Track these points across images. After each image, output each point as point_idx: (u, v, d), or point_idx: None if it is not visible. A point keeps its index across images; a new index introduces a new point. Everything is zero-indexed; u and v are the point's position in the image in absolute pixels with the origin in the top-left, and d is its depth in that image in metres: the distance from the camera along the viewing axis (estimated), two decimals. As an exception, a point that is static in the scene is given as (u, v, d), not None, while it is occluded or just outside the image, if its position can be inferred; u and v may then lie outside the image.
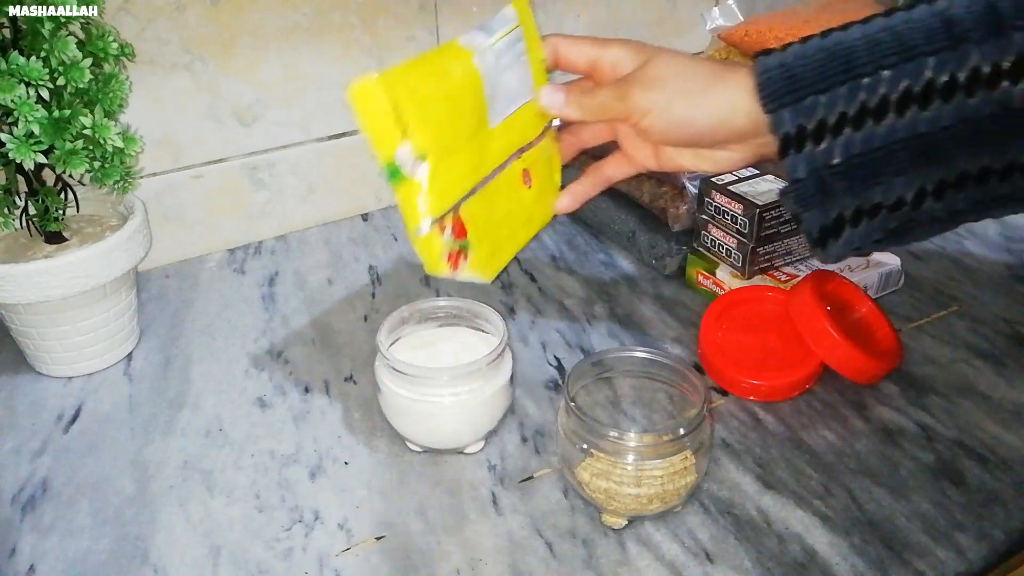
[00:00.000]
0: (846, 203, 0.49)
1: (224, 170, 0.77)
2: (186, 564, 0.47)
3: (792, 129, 0.48)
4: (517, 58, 0.52)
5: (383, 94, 0.43)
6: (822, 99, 0.47)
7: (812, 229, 0.50)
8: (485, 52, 0.49)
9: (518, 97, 0.53)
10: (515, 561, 0.46)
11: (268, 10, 0.72)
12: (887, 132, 0.47)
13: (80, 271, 0.57)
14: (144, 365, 0.64)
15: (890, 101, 0.46)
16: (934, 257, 0.73)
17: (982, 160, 0.47)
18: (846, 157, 0.48)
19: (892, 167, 0.48)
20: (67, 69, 0.53)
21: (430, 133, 0.45)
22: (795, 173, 0.49)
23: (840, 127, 0.47)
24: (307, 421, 0.58)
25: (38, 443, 0.56)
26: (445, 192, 0.48)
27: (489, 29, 0.50)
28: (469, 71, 0.48)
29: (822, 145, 0.48)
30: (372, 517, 0.50)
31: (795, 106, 0.48)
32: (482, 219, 0.52)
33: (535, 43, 0.54)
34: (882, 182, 0.48)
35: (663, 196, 0.74)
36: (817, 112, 0.47)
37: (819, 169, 0.48)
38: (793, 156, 0.48)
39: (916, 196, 0.48)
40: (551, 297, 0.70)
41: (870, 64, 0.46)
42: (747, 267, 0.66)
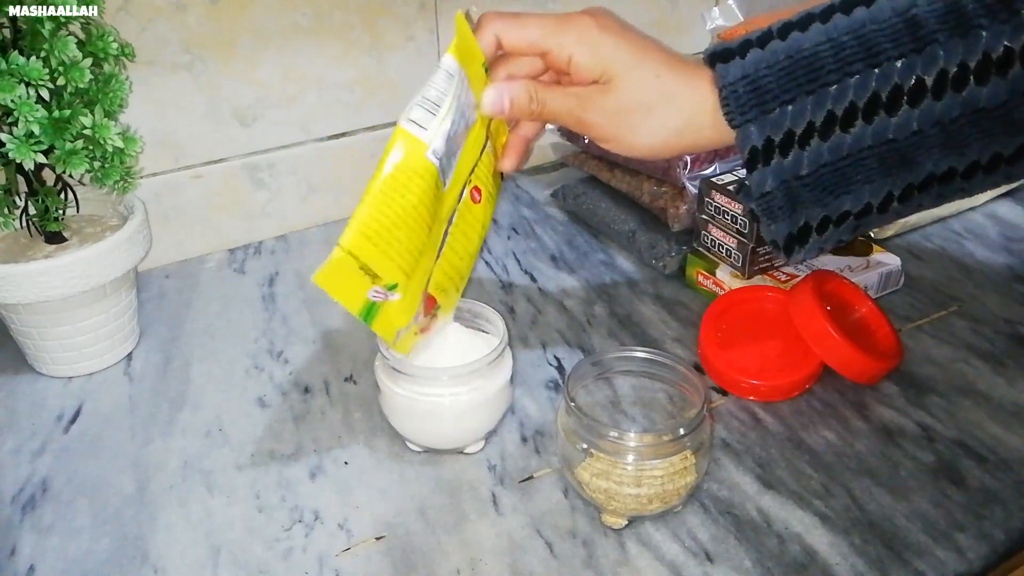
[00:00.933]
0: (814, 213, 0.48)
1: (224, 170, 0.77)
2: (186, 564, 0.47)
3: (759, 143, 0.46)
4: (463, 109, 0.47)
5: (351, 265, 0.43)
6: (789, 110, 0.46)
7: (778, 238, 0.49)
8: (434, 139, 0.44)
9: (465, 136, 0.49)
10: (515, 561, 0.46)
11: (268, 10, 0.72)
12: (855, 140, 0.46)
13: (80, 271, 0.57)
14: (144, 365, 0.64)
15: (858, 108, 0.45)
16: (934, 257, 0.73)
17: (949, 161, 0.46)
18: (814, 168, 0.47)
19: (861, 175, 0.47)
20: (67, 69, 0.53)
21: (396, 265, 0.45)
22: (763, 187, 0.48)
23: (808, 138, 0.46)
24: (307, 421, 0.58)
25: (38, 443, 0.56)
26: (415, 297, 0.47)
27: (433, 103, 0.45)
28: (425, 169, 0.44)
29: (790, 157, 0.46)
30: (372, 517, 0.50)
31: (762, 120, 0.46)
32: (446, 277, 0.51)
33: (476, 61, 0.48)
34: (851, 191, 0.47)
35: (663, 196, 0.74)
36: (784, 124, 0.46)
37: (787, 181, 0.47)
38: (761, 170, 0.47)
39: (883, 201, 0.48)
40: (551, 297, 0.70)
41: (836, 72, 0.45)
42: (747, 267, 0.66)
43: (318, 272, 0.43)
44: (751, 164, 0.47)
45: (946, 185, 0.48)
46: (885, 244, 0.72)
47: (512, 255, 0.77)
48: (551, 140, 0.85)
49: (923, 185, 0.47)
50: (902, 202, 0.48)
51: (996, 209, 0.80)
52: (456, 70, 0.45)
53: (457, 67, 0.45)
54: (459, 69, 0.45)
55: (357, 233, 0.43)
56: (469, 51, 0.47)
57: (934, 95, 0.45)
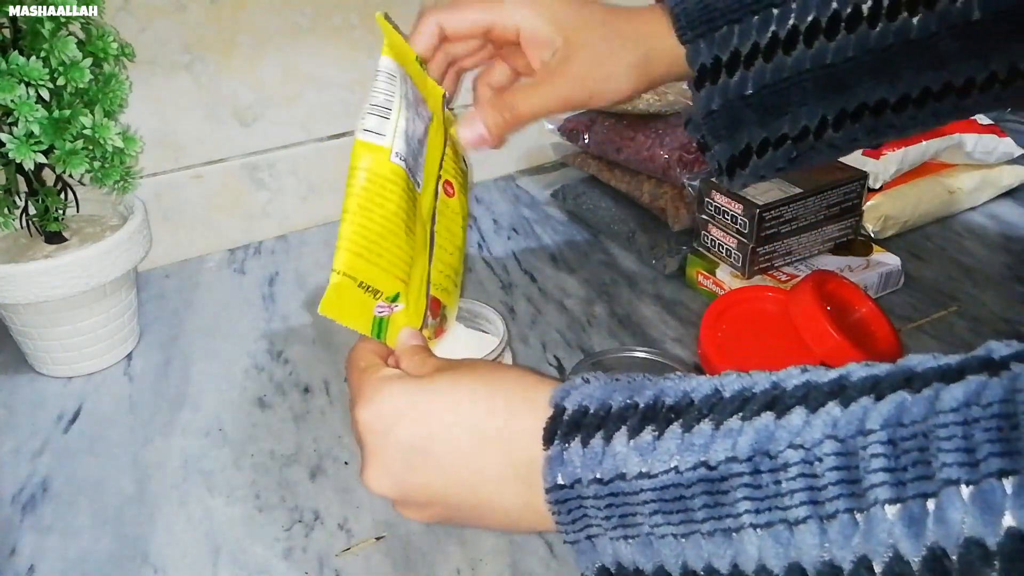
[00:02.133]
0: (755, 134, 0.51)
1: (224, 170, 0.77)
2: (186, 564, 0.47)
3: (708, 60, 0.49)
4: (413, 106, 0.46)
5: (350, 286, 0.43)
6: (736, 29, 0.49)
7: (721, 159, 0.52)
8: (394, 140, 0.44)
9: (426, 134, 0.48)
10: (515, 561, 0.46)
11: (268, 10, 0.72)
12: (795, 63, 0.49)
13: (80, 271, 0.57)
14: (144, 365, 0.64)
15: (799, 32, 0.48)
16: (934, 257, 0.73)
17: (879, 92, 0.50)
18: (757, 88, 0.50)
19: (798, 97, 0.50)
20: (67, 69, 0.53)
21: (392, 275, 0.44)
22: (710, 105, 0.51)
23: (752, 58, 0.49)
24: (307, 421, 0.58)
25: (38, 443, 0.56)
26: (419, 302, 0.47)
27: (383, 107, 0.44)
28: (393, 173, 0.44)
29: (736, 76, 0.49)
30: (372, 517, 0.50)
31: (710, 36, 0.49)
32: (443, 276, 0.51)
33: (408, 58, 0.48)
34: (789, 112, 0.50)
35: (663, 196, 0.74)
36: (731, 42, 0.49)
37: (732, 100, 0.50)
38: (708, 88, 0.50)
39: (818, 126, 0.51)
40: (551, 297, 0.70)
41: None
42: (747, 267, 0.66)
43: (322, 302, 0.42)
44: (699, 81, 0.50)
45: (877, 117, 0.51)
46: (885, 244, 0.72)
47: (512, 255, 0.77)
48: (551, 140, 0.85)
49: (855, 113, 0.51)
50: (836, 129, 0.51)
51: (996, 209, 0.80)
52: (396, 69, 0.45)
53: (396, 66, 0.45)
54: (398, 68, 0.45)
55: (347, 253, 0.42)
56: (400, 49, 0.47)
57: (869, 23, 0.48)
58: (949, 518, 0.25)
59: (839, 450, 0.28)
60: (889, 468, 0.27)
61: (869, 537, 0.27)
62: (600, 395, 0.35)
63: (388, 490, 0.38)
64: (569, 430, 0.35)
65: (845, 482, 0.28)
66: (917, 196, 0.75)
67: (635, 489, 0.32)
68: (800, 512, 0.28)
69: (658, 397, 0.34)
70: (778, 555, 0.29)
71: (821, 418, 0.29)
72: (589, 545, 0.34)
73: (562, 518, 0.35)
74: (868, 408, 0.29)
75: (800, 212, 0.65)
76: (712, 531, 0.30)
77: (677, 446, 0.32)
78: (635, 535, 0.32)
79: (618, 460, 0.33)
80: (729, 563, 0.30)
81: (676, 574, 0.32)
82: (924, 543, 0.26)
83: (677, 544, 0.31)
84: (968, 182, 0.78)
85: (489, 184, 0.91)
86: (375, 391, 0.39)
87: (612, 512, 0.33)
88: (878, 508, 0.27)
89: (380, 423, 0.38)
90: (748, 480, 0.30)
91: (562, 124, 0.82)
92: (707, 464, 0.31)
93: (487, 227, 0.82)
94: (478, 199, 0.87)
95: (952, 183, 0.77)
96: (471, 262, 0.76)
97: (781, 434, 0.30)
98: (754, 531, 0.29)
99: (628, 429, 0.33)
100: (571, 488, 0.34)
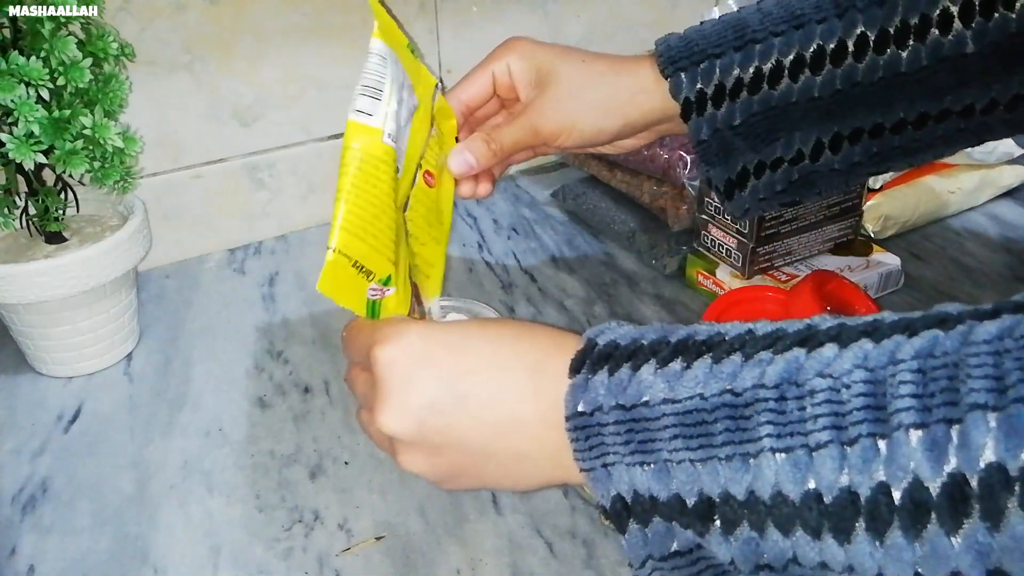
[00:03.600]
0: (748, 158, 0.52)
1: (224, 170, 0.77)
2: (186, 564, 0.47)
3: (692, 94, 0.50)
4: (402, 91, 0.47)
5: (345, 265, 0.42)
6: (718, 63, 0.49)
7: (719, 183, 0.53)
8: (386, 122, 0.44)
9: (410, 120, 0.48)
10: (515, 561, 0.46)
11: (268, 10, 0.72)
12: (782, 96, 0.49)
13: (80, 271, 0.57)
14: (144, 365, 0.64)
15: (783, 66, 0.49)
16: (934, 257, 0.73)
17: (874, 118, 0.50)
18: (745, 118, 0.50)
19: (787, 125, 0.50)
20: (67, 69, 0.53)
21: (385, 257, 0.44)
22: (699, 135, 0.51)
23: (737, 91, 0.50)
24: (307, 421, 0.58)
25: (38, 443, 0.56)
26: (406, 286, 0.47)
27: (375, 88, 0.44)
28: (385, 153, 0.44)
29: (722, 108, 0.50)
30: (372, 517, 0.50)
31: (692, 69, 0.50)
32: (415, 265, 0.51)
33: (400, 43, 0.48)
34: (781, 137, 0.51)
35: (663, 196, 0.74)
36: (714, 75, 0.50)
37: (721, 130, 0.51)
38: (695, 119, 0.51)
39: (814, 148, 0.51)
40: (551, 297, 0.70)
41: (761, 31, 0.49)
42: (747, 267, 0.66)
43: (320, 280, 0.42)
44: (686, 113, 0.51)
45: (876, 140, 0.51)
46: (885, 244, 0.72)
47: (512, 255, 0.77)
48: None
49: (852, 137, 0.51)
50: (834, 151, 0.51)
51: (996, 209, 0.80)
52: (387, 52, 0.45)
53: (387, 49, 0.45)
54: (389, 50, 0.45)
55: (343, 232, 0.42)
56: (392, 34, 0.47)
57: (855, 57, 0.48)
58: (972, 442, 0.25)
59: (868, 379, 0.28)
60: (916, 395, 0.27)
61: (890, 463, 0.27)
62: (633, 334, 0.35)
63: (407, 428, 0.37)
64: (598, 361, 0.34)
65: (871, 408, 0.28)
66: (917, 196, 0.75)
67: (657, 415, 0.32)
68: (822, 436, 0.28)
69: (690, 335, 0.34)
70: (796, 480, 0.28)
71: (852, 351, 0.29)
72: (604, 473, 0.33)
73: (579, 445, 0.34)
74: (901, 343, 0.29)
75: (800, 212, 0.65)
76: (731, 455, 0.30)
77: (704, 374, 0.31)
78: (652, 461, 0.32)
79: (643, 387, 0.32)
80: (745, 489, 0.30)
81: (692, 501, 0.31)
82: (945, 468, 0.26)
83: (694, 470, 0.31)
84: (968, 182, 0.78)
85: (489, 184, 0.91)
86: (400, 329, 0.38)
87: (631, 437, 0.32)
88: (901, 433, 0.27)
89: (409, 358, 0.37)
90: (772, 406, 0.29)
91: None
92: (733, 391, 0.30)
93: (487, 227, 0.82)
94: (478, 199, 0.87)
95: (952, 183, 0.77)
96: (471, 262, 0.76)
97: (811, 364, 0.29)
98: (773, 455, 0.29)
99: (657, 360, 0.33)
100: (591, 415, 0.34)
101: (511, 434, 0.36)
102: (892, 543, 0.27)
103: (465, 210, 0.85)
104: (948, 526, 0.26)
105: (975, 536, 0.25)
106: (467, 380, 0.37)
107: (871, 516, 0.27)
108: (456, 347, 0.37)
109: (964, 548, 0.25)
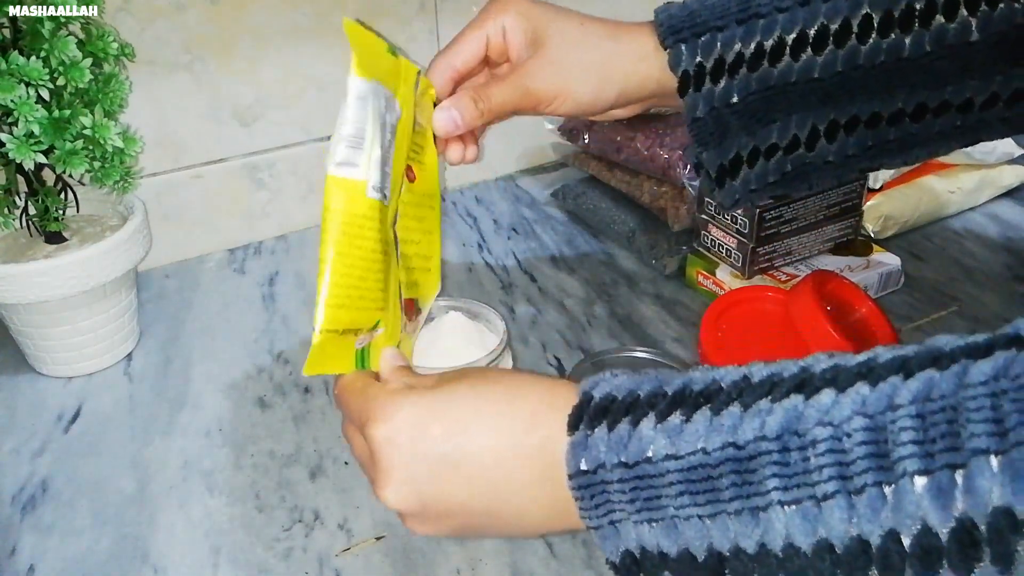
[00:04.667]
0: (743, 142, 0.50)
1: (224, 170, 0.77)
2: (186, 564, 0.47)
3: (691, 67, 0.49)
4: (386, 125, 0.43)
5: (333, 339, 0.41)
6: (720, 36, 0.48)
7: (711, 167, 0.51)
8: (369, 172, 0.42)
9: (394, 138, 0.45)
10: (515, 561, 0.46)
11: (268, 10, 0.72)
12: (782, 75, 0.48)
13: (80, 271, 0.57)
14: (144, 365, 0.64)
15: (785, 44, 0.48)
16: (934, 257, 0.73)
17: (872, 106, 0.49)
18: (743, 96, 0.49)
19: (785, 106, 0.49)
20: (67, 69, 0.53)
21: (373, 309, 0.43)
22: (695, 112, 0.50)
23: (737, 67, 0.48)
24: (307, 421, 0.58)
25: (38, 443, 0.56)
26: (396, 316, 0.46)
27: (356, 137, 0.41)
28: (370, 208, 0.42)
29: (720, 84, 0.49)
30: (372, 517, 0.50)
31: (693, 41, 0.48)
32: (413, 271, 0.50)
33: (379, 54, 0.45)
34: (777, 120, 0.50)
35: (663, 196, 0.74)
36: (715, 49, 0.48)
37: (717, 108, 0.49)
38: (692, 95, 0.49)
39: (809, 135, 0.50)
40: (551, 297, 0.70)
41: (767, 5, 0.48)
42: (747, 267, 0.66)
43: (307, 365, 0.40)
44: (683, 88, 0.50)
45: (872, 130, 0.50)
46: (885, 244, 0.72)
47: (512, 255, 0.77)
48: (551, 140, 0.85)
49: (849, 125, 0.50)
50: (829, 140, 0.50)
51: (996, 209, 0.80)
52: (366, 90, 0.41)
53: (366, 86, 0.41)
54: (368, 85, 0.41)
55: (328, 308, 0.40)
56: (371, 57, 0.43)
57: (858, 38, 0.47)
58: (978, 487, 0.25)
59: (868, 425, 0.28)
60: (918, 441, 0.27)
61: (897, 510, 0.27)
62: (628, 385, 0.35)
63: (409, 503, 0.37)
64: (595, 416, 0.34)
65: (874, 456, 0.27)
66: (917, 196, 0.75)
67: (661, 471, 0.32)
68: (828, 487, 0.28)
69: (687, 385, 0.33)
70: (806, 532, 0.28)
71: (850, 397, 0.29)
72: (612, 530, 0.33)
73: (584, 503, 0.34)
74: (897, 386, 0.28)
75: (800, 212, 0.65)
76: (739, 510, 0.30)
77: (705, 428, 0.31)
78: (660, 518, 0.32)
79: (644, 443, 0.32)
80: (756, 543, 0.29)
81: (702, 557, 0.31)
82: (953, 514, 0.26)
83: (703, 525, 0.31)
84: (968, 182, 0.78)
85: (489, 184, 0.91)
86: (391, 405, 0.38)
87: (636, 495, 0.32)
88: (906, 480, 0.27)
89: (402, 436, 0.37)
90: (776, 458, 0.29)
91: (562, 124, 0.82)
92: (735, 444, 0.30)
93: (487, 227, 0.82)
94: (478, 199, 0.87)
95: (952, 183, 0.77)
96: (471, 262, 0.76)
97: (810, 413, 0.29)
98: (782, 508, 0.29)
99: (656, 414, 0.33)
100: (594, 473, 0.33)
101: (510, 496, 0.36)
102: None
103: (465, 210, 0.85)
104: (959, 570, 0.26)
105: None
106: (462, 448, 0.36)
107: (883, 564, 0.27)
108: (446, 418, 0.37)
109: None
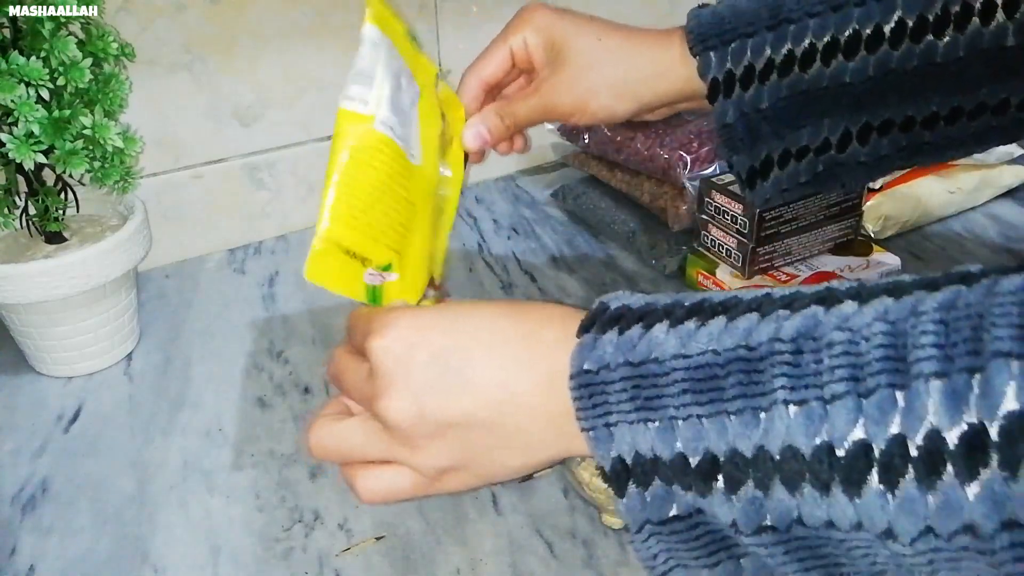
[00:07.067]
0: (774, 145, 0.50)
1: (224, 170, 0.77)
2: (186, 564, 0.47)
3: (720, 74, 0.49)
4: (399, 77, 0.45)
5: (334, 252, 0.42)
6: (749, 42, 0.48)
7: (741, 170, 0.51)
8: (379, 108, 0.43)
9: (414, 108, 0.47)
10: (515, 561, 0.46)
11: (268, 10, 0.72)
12: (813, 80, 0.48)
13: (80, 271, 0.57)
14: (144, 365, 0.64)
15: (817, 49, 0.47)
16: (934, 257, 0.73)
17: (906, 110, 0.48)
18: (773, 102, 0.49)
19: (817, 110, 0.49)
20: (67, 69, 0.53)
21: (383, 244, 0.43)
22: (724, 118, 0.50)
23: (767, 74, 0.48)
24: (307, 421, 0.57)
25: (38, 443, 0.56)
26: (416, 275, 0.46)
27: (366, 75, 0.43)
28: (380, 141, 0.43)
29: (750, 91, 0.49)
30: (372, 517, 0.50)
31: (722, 49, 0.48)
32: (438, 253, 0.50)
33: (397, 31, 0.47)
34: (808, 124, 0.49)
35: (663, 196, 0.74)
36: (745, 56, 0.48)
37: (748, 114, 0.49)
38: (722, 102, 0.49)
39: (841, 138, 0.49)
40: (551, 297, 0.70)
41: (797, 11, 0.47)
42: (747, 267, 0.66)
43: (307, 269, 0.41)
44: (712, 95, 0.49)
45: (906, 133, 0.49)
46: (885, 244, 0.72)
47: (512, 255, 0.77)
48: (551, 140, 0.85)
49: (882, 128, 0.49)
50: (861, 143, 0.50)
51: (996, 209, 0.80)
52: (380, 39, 0.44)
53: (381, 36, 0.44)
54: (383, 37, 0.44)
55: (330, 220, 0.42)
56: (387, 21, 0.46)
57: (891, 44, 0.46)
58: (994, 390, 0.24)
59: (888, 330, 0.27)
60: (938, 344, 0.26)
61: (908, 413, 0.26)
62: (647, 299, 0.34)
63: (408, 414, 0.35)
64: (608, 322, 0.33)
65: (890, 359, 0.27)
66: (917, 196, 0.75)
67: (666, 370, 0.31)
68: (838, 388, 0.27)
69: (705, 299, 0.33)
70: (808, 433, 0.27)
71: (873, 306, 0.28)
72: (606, 433, 0.32)
73: (582, 404, 0.33)
74: (922, 297, 0.28)
75: (800, 212, 0.65)
76: (741, 409, 0.29)
77: (719, 331, 0.30)
78: (657, 419, 0.31)
79: (653, 344, 0.31)
80: (754, 445, 0.28)
81: (695, 460, 0.30)
82: (964, 417, 0.25)
83: (700, 426, 0.30)
84: (968, 182, 0.78)
85: (489, 184, 0.91)
86: (391, 318, 0.37)
87: (637, 394, 0.31)
88: (921, 382, 0.26)
89: (399, 344, 0.36)
90: (788, 359, 0.28)
91: (562, 124, 0.82)
92: (747, 346, 0.29)
93: (487, 227, 0.82)
94: (478, 199, 0.87)
95: (952, 183, 0.77)
96: (471, 262, 0.76)
97: (830, 319, 0.29)
98: (785, 408, 0.28)
99: (671, 320, 0.32)
100: (596, 373, 0.32)
101: (509, 407, 0.35)
102: (905, 495, 0.26)
103: (465, 210, 0.85)
104: (964, 476, 0.25)
105: (991, 487, 0.24)
106: (460, 357, 0.36)
107: (884, 468, 0.26)
108: (447, 327, 0.37)
109: (979, 499, 0.25)
